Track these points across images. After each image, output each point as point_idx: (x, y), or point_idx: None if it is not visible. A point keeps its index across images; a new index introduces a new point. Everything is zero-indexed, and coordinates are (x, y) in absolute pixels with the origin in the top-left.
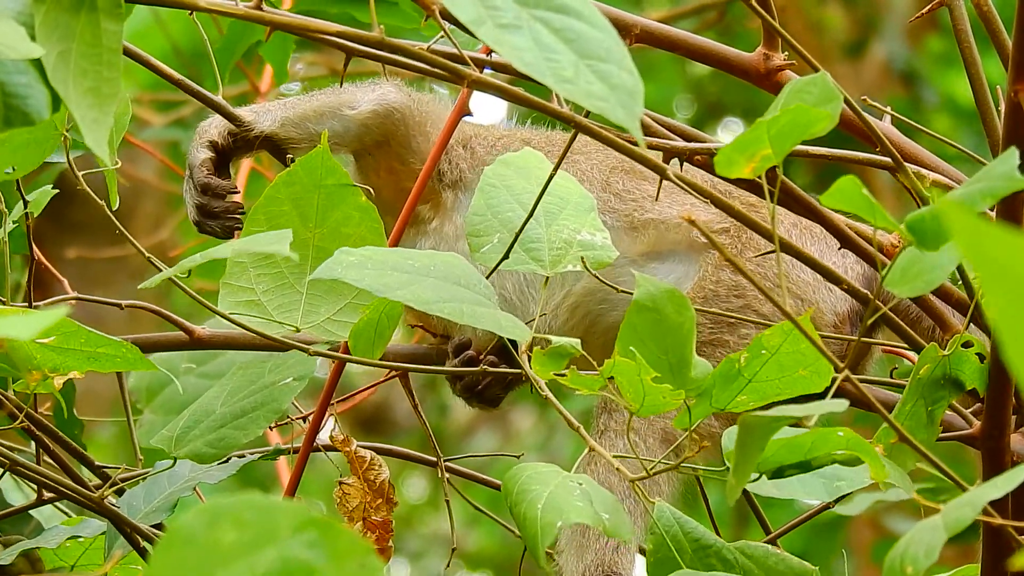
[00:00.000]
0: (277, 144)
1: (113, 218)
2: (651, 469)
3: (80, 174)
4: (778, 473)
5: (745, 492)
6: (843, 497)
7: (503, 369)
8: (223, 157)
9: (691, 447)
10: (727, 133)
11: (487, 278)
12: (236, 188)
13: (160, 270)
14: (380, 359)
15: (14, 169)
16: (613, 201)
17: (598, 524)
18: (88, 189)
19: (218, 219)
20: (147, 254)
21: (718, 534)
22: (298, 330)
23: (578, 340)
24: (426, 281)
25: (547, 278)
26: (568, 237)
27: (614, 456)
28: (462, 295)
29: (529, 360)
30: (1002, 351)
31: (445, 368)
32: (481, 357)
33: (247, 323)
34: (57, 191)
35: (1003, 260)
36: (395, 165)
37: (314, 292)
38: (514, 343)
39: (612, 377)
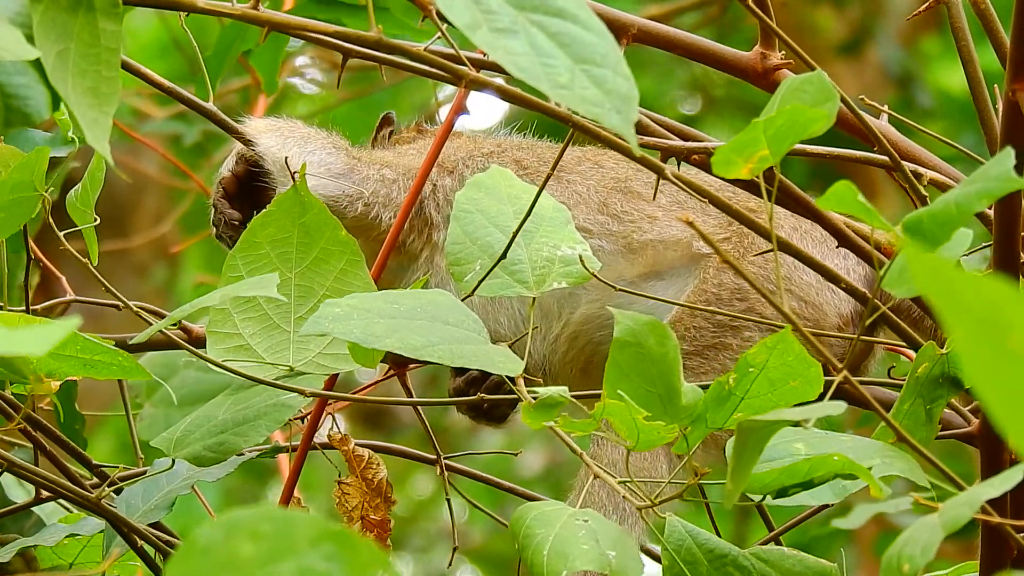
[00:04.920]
0: None
1: (96, 272)
2: (657, 497)
3: (61, 233)
4: (781, 493)
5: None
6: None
7: (499, 396)
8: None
9: (691, 474)
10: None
11: (463, 300)
12: (218, 202)
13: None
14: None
15: None
16: (611, 224)
17: (604, 568)
18: (68, 245)
19: (216, 228)
20: (135, 308)
21: (718, 533)
22: (292, 369)
23: (566, 388)
24: (414, 325)
25: (533, 300)
26: (549, 254)
27: (619, 481)
28: (452, 335)
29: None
30: (977, 395)
31: (444, 400)
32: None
33: (239, 368)
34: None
35: (969, 302)
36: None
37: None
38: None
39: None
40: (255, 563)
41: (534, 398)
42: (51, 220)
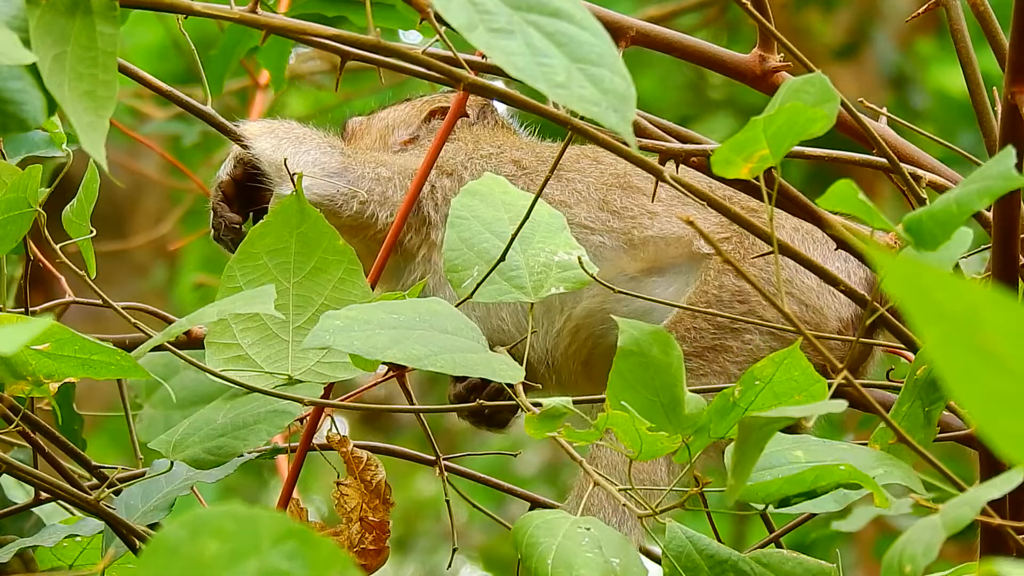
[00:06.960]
0: None
1: (92, 286)
2: (657, 505)
3: (58, 246)
4: (784, 503)
5: None
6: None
7: (499, 403)
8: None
9: (692, 483)
10: None
11: (458, 305)
12: (217, 206)
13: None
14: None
15: None
16: (611, 220)
17: (608, 575)
18: (66, 259)
19: (216, 231)
20: (131, 319)
21: (717, 536)
22: (291, 378)
23: (570, 399)
24: (414, 335)
25: (531, 304)
26: (546, 260)
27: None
28: (452, 344)
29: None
30: (954, 398)
31: (445, 407)
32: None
33: (239, 378)
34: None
35: (939, 301)
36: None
37: (300, 340)
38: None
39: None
40: (220, 562)
41: (537, 406)
42: (47, 234)
